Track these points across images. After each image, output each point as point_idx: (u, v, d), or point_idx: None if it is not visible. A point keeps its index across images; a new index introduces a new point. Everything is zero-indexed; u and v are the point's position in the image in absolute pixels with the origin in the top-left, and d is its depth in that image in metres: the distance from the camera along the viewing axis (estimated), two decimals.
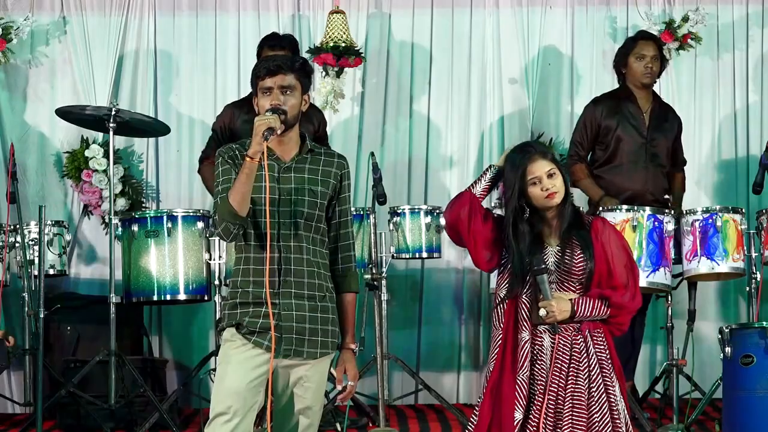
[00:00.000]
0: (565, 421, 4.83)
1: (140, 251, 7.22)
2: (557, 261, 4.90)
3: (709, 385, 7.31)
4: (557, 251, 4.92)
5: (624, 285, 4.94)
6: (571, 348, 4.90)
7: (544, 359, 4.90)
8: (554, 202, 4.92)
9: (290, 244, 4.70)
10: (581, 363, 4.89)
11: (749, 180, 8.32)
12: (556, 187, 4.91)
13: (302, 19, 8.70)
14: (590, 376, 4.89)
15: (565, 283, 4.91)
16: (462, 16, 8.72)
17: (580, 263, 4.90)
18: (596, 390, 4.88)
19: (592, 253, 4.90)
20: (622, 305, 4.94)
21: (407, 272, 8.57)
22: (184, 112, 8.63)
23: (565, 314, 4.87)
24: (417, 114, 8.71)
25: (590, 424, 4.85)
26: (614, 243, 4.97)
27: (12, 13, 8.49)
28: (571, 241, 4.92)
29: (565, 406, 4.85)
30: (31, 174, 8.52)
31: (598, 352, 4.91)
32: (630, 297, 4.95)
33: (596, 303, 4.90)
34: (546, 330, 4.90)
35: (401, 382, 8.30)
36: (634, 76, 7.66)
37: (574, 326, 4.91)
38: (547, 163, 4.92)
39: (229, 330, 4.73)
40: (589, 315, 4.90)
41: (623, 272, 4.95)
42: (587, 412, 4.85)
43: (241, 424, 4.65)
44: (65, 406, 7.38)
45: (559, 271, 4.90)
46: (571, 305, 4.87)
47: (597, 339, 4.93)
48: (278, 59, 4.76)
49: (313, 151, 4.82)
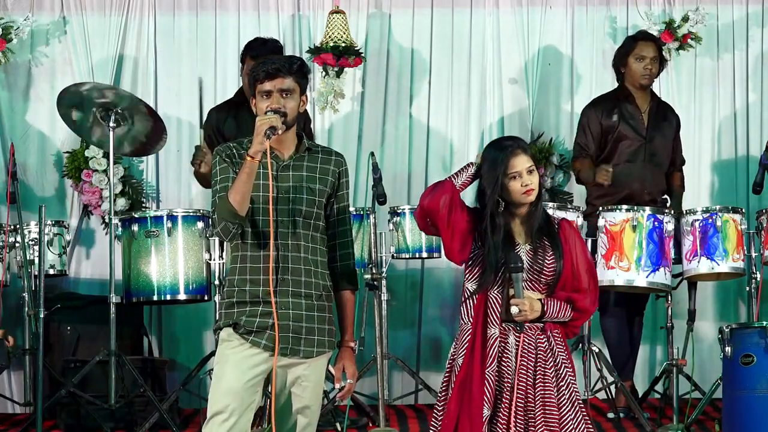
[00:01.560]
0: (537, 421, 4.86)
1: (140, 251, 7.22)
2: (530, 260, 4.92)
3: (709, 384, 7.31)
4: (529, 250, 4.94)
5: (586, 289, 4.97)
6: (536, 347, 4.93)
7: (510, 357, 4.92)
8: (530, 199, 4.94)
9: (288, 242, 4.70)
10: (547, 362, 4.93)
11: (749, 180, 8.32)
12: (534, 184, 4.94)
13: (302, 19, 8.70)
14: (558, 375, 4.93)
15: (533, 283, 4.94)
16: (462, 16, 8.72)
17: (551, 264, 4.92)
18: (565, 387, 4.92)
19: (562, 255, 4.93)
20: (586, 309, 4.99)
21: (407, 272, 8.58)
22: (184, 112, 8.64)
23: (536, 313, 4.91)
24: (417, 114, 8.71)
25: (563, 423, 4.88)
26: (578, 246, 5.01)
27: (12, 13, 8.50)
28: (542, 241, 4.94)
29: (536, 405, 4.88)
30: (32, 174, 8.52)
31: (560, 351, 4.96)
32: (590, 302, 5.00)
33: (563, 305, 4.95)
34: (511, 327, 4.93)
35: (401, 382, 8.30)
36: (633, 77, 7.67)
37: (538, 326, 4.94)
38: (527, 159, 4.94)
39: (226, 330, 4.72)
40: (556, 316, 4.94)
41: (585, 276, 4.98)
42: (558, 410, 4.89)
43: (239, 423, 4.65)
44: (65, 406, 7.38)
45: (531, 270, 4.92)
46: (542, 305, 4.90)
47: (557, 338, 4.98)
48: (276, 62, 4.75)
49: (311, 150, 4.82)
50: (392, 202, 7.73)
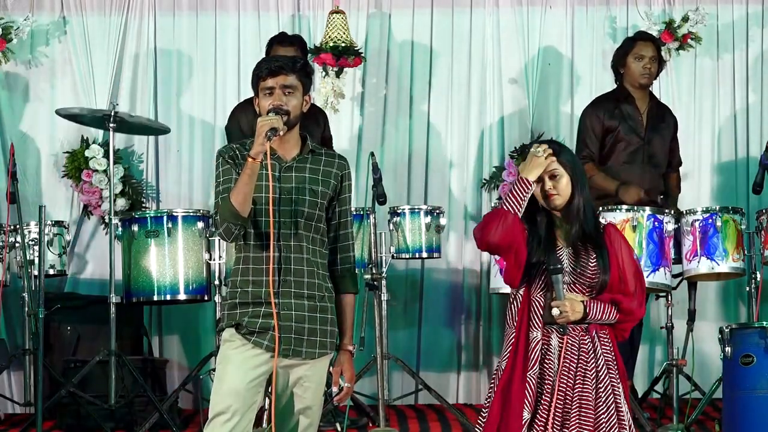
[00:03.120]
0: (572, 422, 4.82)
1: (140, 251, 7.22)
2: (571, 263, 4.89)
3: (709, 385, 7.31)
4: (570, 253, 4.90)
5: (633, 293, 4.93)
6: (578, 348, 4.89)
7: (552, 359, 4.88)
8: (552, 204, 4.90)
9: (290, 243, 4.70)
10: (589, 364, 4.88)
11: (749, 180, 8.32)
12: (557, 189, 4.88)
13: (302, 19, 8.70)
14: (598, 377, 4.88)
15: (576, 285, 4.89)
16: (462, 16, 8.72)
17: (594, 268, 4.88)
18: (604, 391, 4.87)
19: (607, 260, 4.89)
20: (631, 311, 4.92)
21: (407, 272, 8.58)
22: (184, 113, 8.63)
23: (578, 315, 4.85)
24: (417, 114, 8.71)
25: (597, 425, 4.83)
26: (625, 251, 4.96)
27: (12, 13, 8.50)
28: (585, 245, 4.90)
29: (573, 406, 4.84)
30: (31, 174, 8.52)
31: (604, 353, 4.90)
32: (638, 305, 4.95)
33: (607, 307, 4.89)
34: (554, 329, 4.89)
35: (401, 382, 8.30)
36: (632, 77, 7.66)
37: (582, 327, 4.90)
38: (553, 164, 4.90)
39: (228, 330, 4.73)
40: (599, 318, 4.89)
41: (632, 280, 4.94)
42: (594, 412, 4.84)
43: (240, 423, 4.66)
44: (65, 406, 7.38)
45: (573, 273, 4.88)
46: (584, 307, 4.86)
47: (603, 340, 4.93)
48: (279, 59, 4.76)
49: (314, 152, 4.82)
50: (392, 202, 7.72)
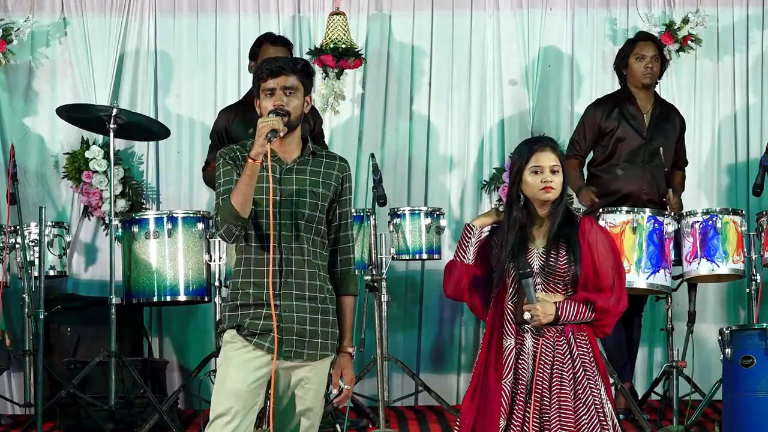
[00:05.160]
0: (552, 424, 4.82)
1: (140, 252, 7.22)
2: (542, 263, 4.89)
3: (709, 386, 7.31)
4: (542, 252, 4.90)
5: (610, 287, 4.89)
6: (554, 350, 4.88)
7: (527, 359, 4.89)
8: (548, 197, 4.90)
9: (291, 245, 4.70)
10: (565, 365, 4.87)
11: (749, 182, 8.32)
12: (555, 183, 4.90)
13: (302, 20, 8.70)
14: (575, 378, 4.86)
15: (550, 284, 4.90)
16: (462, 18, 8.72)
17: (564, 265, 4.88)
18: (582, 392, 4.85)
19: (578, 256, 4.87)
20: (607, 309, 4.89)
21: (407, 274, 8.58)
22: (185, 114, 8.64)
23: (550, 318, 4.85)
24: (417, 115, 8.71)
25: (578, 426, 4.83)
26: (602, 243, 4.92)
27: (12, 14, 8.49)
28: (557, 242, 4.90)
29: (551, 408, 4.83)
30: (32, 175, 8.52)
31: (581, 354, 4.89)
32: (615, 300, 4.89)
33: (581, 307, 4.87)
34: (529, 330, 4.90)
35: (401, 384, 8.30)
36: (635, 77, 7.67)
37: (557, 328, 4.89)
38: (554, 159, 4.90)
39: (229, 332, 4.72)
40: (573, 319, 4.87)
41: (610, 274, 4.90)
42: (574, 413, 4.83)
43: (242, 425, 4.65)
44: (65, 407, 7.37)
45: (544, 272, 4.89)
46: (556, 309, 4.85)
47: (580, 341, 4.90)
48: (281, 60, 4.75)
49: (315, 154, 4.82)
50: (392, 204, 7.73)
